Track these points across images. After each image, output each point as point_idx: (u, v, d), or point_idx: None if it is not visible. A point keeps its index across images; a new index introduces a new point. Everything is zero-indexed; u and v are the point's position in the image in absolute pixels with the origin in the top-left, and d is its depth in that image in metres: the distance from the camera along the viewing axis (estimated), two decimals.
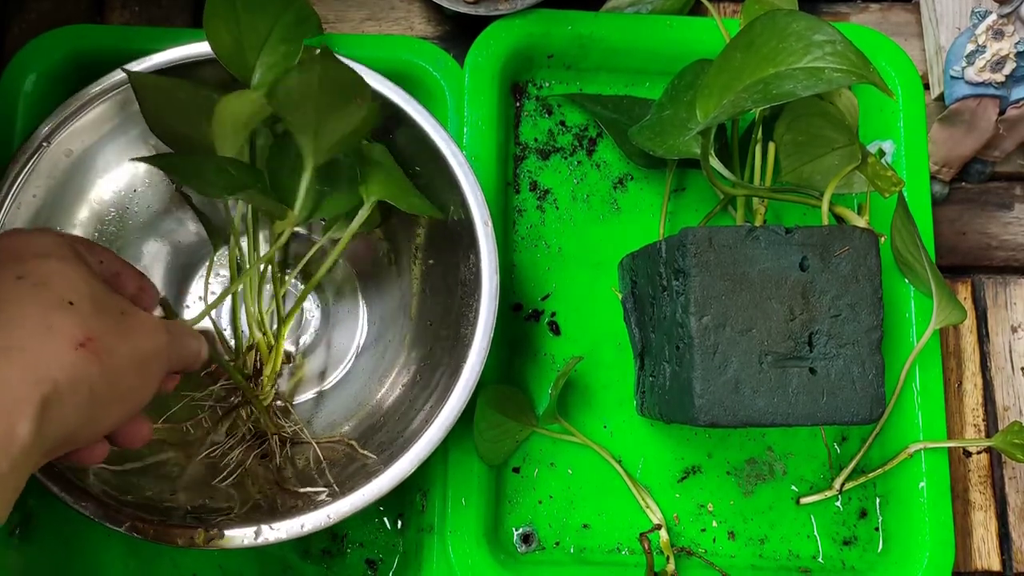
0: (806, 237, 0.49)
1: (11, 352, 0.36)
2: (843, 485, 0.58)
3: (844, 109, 0.53)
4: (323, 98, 0.49)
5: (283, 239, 0.53)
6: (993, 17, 0.59)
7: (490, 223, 0.52)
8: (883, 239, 0.50)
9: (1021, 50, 0.59)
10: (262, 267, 0.54)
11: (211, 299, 0.59)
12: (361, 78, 0.50)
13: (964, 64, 0.60)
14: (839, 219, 0.54)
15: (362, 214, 0.53)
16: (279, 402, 0.55)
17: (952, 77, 0.61)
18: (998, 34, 0.59)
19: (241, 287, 0.54)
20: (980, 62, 0.60)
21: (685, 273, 0.49)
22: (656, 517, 0.57)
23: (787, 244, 0.49)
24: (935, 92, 0.65)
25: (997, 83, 0.60)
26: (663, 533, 0.57)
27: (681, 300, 0.49)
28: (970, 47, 0.60)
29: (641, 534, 0.56)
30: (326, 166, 0.54)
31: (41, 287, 0.39)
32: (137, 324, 0.42)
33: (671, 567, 0.56)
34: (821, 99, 0.53)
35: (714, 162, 0.53)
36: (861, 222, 0.52)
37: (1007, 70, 0.60)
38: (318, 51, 0.48)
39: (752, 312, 0.48)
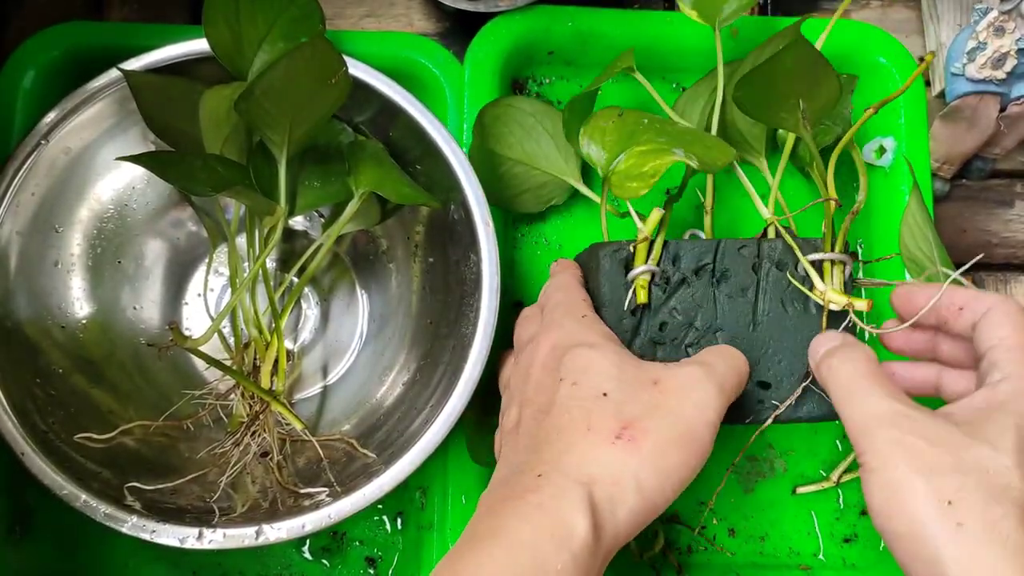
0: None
1: (562, 456, 0.39)
2: (840, 477, 0.58)
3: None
4: (305, 85, 0.49)
5: (276, 235, 0.53)
6: (994, 14, 0.59)
7: (491, 223, 0.52)
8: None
9: (1022, 47, 0.59)
10: (257, 264, 0.54)
11: (210, 296, 0.59)
12: (338, 53, 0.49)
13: (965, 61, 0.60)
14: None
15: (352, 205, 0.53)
16: (279, 400, 0.55)
17: (953, 74, 0.61)
18: (999, 31, 0.59)
19: (239, 284, 0.54)
20: (981, 59, 0.60)
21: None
22: None
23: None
24: (936, 89, 0.65)
25: (998, 80, 0.60)
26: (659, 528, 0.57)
27: None
28: (971, 44, 0.60)
29: None
30: (319, 160, 0.54)
31: (577, 386, 0.42)
32: (673, 389, 0.42)
33: (660, 543, 0.56)
34: None
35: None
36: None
37: (1008, 67, 0.60)
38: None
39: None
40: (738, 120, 0.57)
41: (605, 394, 0.41)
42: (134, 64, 0.52)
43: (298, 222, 0.61)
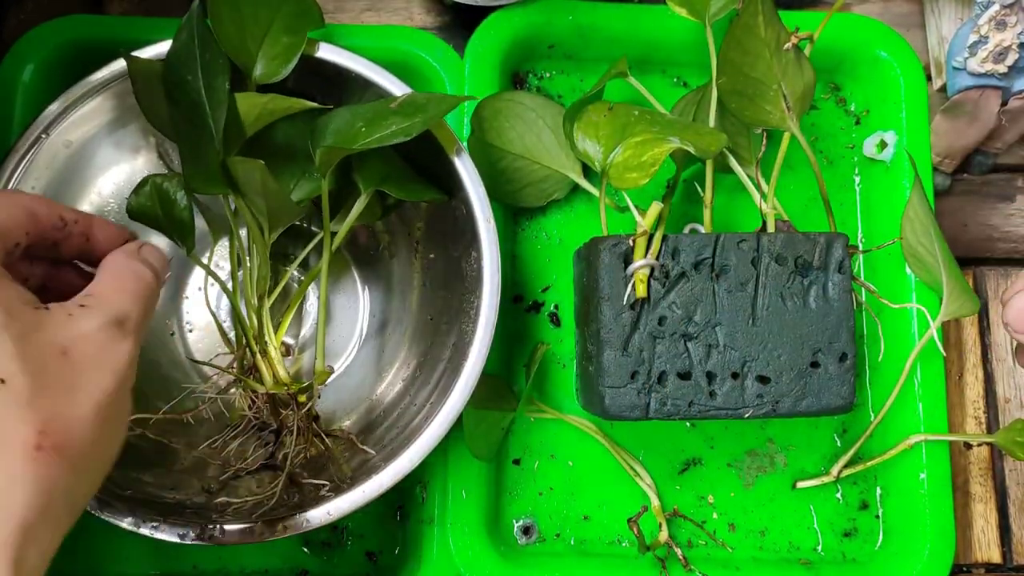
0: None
1: None
2: (840, 472, 0.58)
3: None
4: None
5: (278, 231, 0.53)
6: (996, 7, 0.59)
7: (492, 220, 0.52)
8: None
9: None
10: (260, 259, 0.54)
11: (211, 290, 0.59)
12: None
13: (967, 55, 0.60)
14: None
15: (359, 204, 0.53)
16: (281, 396, 0.55)
17: (955, 68, 0.61)
18: (1001, 24, 0.59)
19: (241, 279, 0.54)
20: (983, 53, 0.59)
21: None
22: (647, 484, 0.57)
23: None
24: (937, 83, 0.65)
25: (1000, 74, 0.60)
26: (654, 499, 0.57)
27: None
28: (973, 38, 0.60)
29: (629, 519, 0.56)
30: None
31: None
32: (87, 358, 0.32)
33: (664, 535, 0.56)
34: None
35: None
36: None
37: (1010, 61, 0.59)
38: None
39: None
40: (731, 102, 0.57)
41: (2, 381, 0.28)
42: None
43: None
